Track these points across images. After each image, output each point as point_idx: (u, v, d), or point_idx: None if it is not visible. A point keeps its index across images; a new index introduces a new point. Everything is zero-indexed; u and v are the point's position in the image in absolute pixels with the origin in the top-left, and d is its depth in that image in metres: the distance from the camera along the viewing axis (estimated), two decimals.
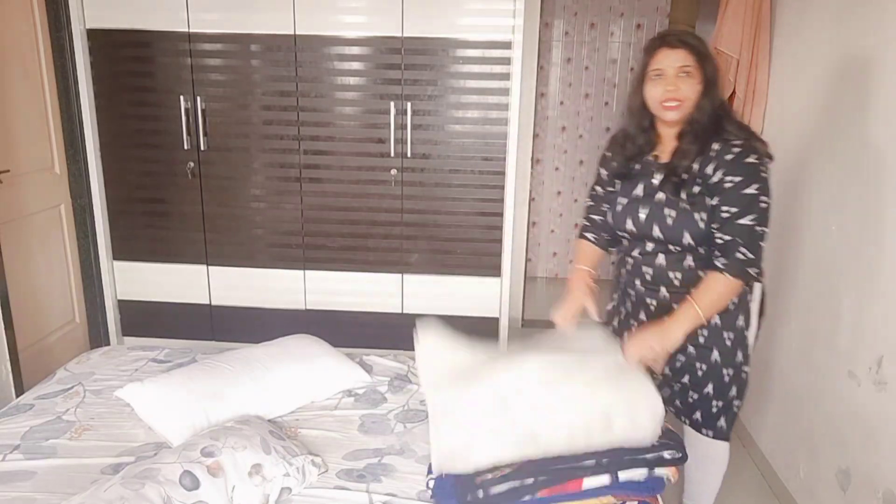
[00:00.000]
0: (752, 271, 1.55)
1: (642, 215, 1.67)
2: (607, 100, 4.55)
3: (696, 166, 1.59)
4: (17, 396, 2.23)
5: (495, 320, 2.99)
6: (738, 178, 1.52)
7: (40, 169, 2.76)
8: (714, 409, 1.75)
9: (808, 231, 2.13)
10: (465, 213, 2.88)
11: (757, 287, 1.70)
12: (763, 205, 1.54)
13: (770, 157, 1.58)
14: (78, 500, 1.30)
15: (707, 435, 1.78)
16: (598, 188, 1.87)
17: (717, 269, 1.55)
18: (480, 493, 1.43)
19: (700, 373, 1.72)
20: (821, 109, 2.11)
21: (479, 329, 2.96)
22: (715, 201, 1.56)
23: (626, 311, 1.85)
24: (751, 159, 1.54)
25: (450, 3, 2.67)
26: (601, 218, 1.86)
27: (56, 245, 2.88)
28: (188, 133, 2.82)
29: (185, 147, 2.83)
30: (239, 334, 2.98)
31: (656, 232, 1.64)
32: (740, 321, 1.69)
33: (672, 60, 1.57)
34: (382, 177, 2.85)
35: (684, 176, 1.60)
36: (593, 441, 1.49)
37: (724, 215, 1.54)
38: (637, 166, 1.72)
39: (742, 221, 1.53)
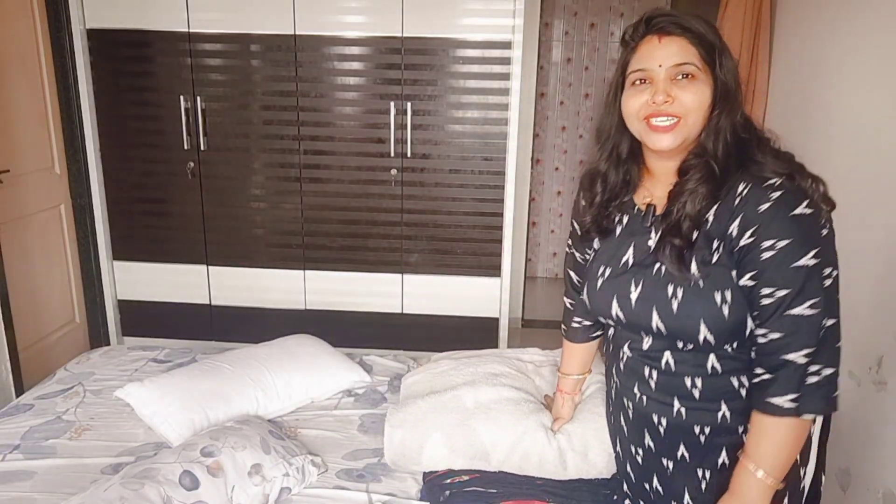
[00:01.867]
0: (834, 397, 1.00)
1: (634, 295, 1.12)
2: (608, 93, 4.55)
3: (710, 217, 1.05)
4: (17, 396, 2.23)
5: (495, 320, 2.99)
6: (784, 242, 0.98)
7: (40, 169, 2.76)
8: None
9: None
10: (465, 213, 2.88)
11: None
12: (829, 282, 0.99)
13: (830, 205, 1.04)
14: (78, 500, 1.30)
15: None
16: (575, 252, 1.36)
17: (778, 410, 1.00)
18: (448, 493, 1.47)
19: None
20: (820, 108, 2.11)
21: (479, 329, 2.99)
22: (747, 278, 1.02)
23: (623, 432, 1.28)
24: (802, 210, 0.99)
25: (450, 3, 2.66)
26: (574, 304, 1.42)
27: (56, 245, 2.88)
28: (188, 133, 2.82)
29: (185, 147, 2.83)
30: (239, 334, 2.98)
31: (656, 322, 1.10)
32: (800, 471, 1.14)
33: (663, 55, 1.03)
34: (382, 177, 2.85)
35: (694, 233, 1.06)
36: (547, 472, 1.52)
37: (767, 301, 1.00)
38: (623, 217, 1.18)
39: (798, 311, 0.98)
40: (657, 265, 1.10)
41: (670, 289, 1.07)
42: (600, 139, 1.19)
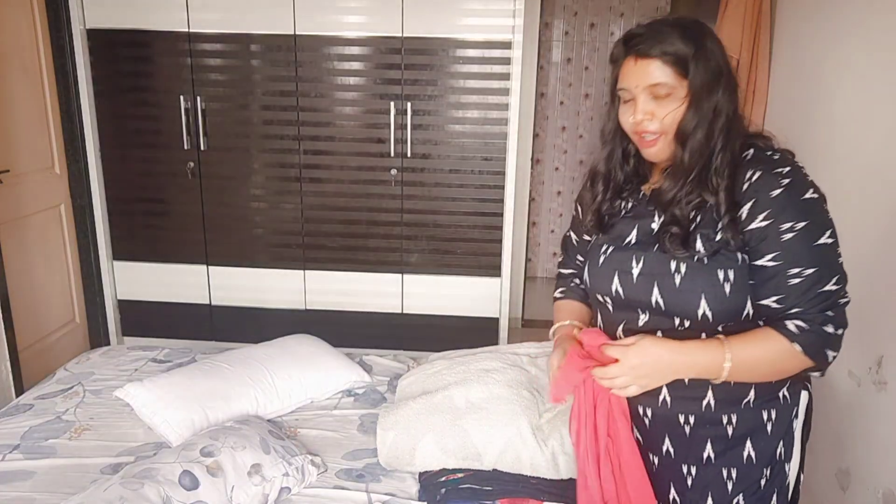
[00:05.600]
0: (831, 355, 1.05)
1: (636, 271, 1.14)
2: (607, 100, 4.55)
3: (712, 200, 1.09)
4: (17, 396, 2.23)
5: (495, 320, 2.99)
6: (802, 224, 1.02)
7: (40, 169, 2.76)
8: None
9: None
10: (465, 213, 2.88)
11: (804, 398, 1.17)
12: (841, 260, 1.06)
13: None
14: (77, 499, 1.30)
15: None
16: (573, 234, 1.41)
17: (785, 332, 1.03)
18: (444, 491, 1.48)
19: None
20: (820, 108, 2.11)
21: (479, 329, 2.98)
22: (768, 259, 1.04)
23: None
24: (810, 195, 1.04)
25: (450, 3, 2.66)
26: (575, 272, 1.40)
27: (56, 245, 2.88)
28: (188, 133, 2.82)
29: (185, 147, 2.83)
30: (239, 334, 2.98)
31: (655, 297, 1.11)
32: (780, 450, 1.15)
33: (638, 77, 1.09)
34: (382, 177, 2.85)
35: (691, 222, 1.10)
36: (539, 473, 1.54)
37: (795, 280, 1.03)
38: (628, 204, 1.23)
39: (828, 287, 1.03)
40: (657, 246, 1.13)
41: (673, 264, 1.09)
42: (603, 141, 1.25)
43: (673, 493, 1.19)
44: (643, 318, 1.15)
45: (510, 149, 2.80)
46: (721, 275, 1.06)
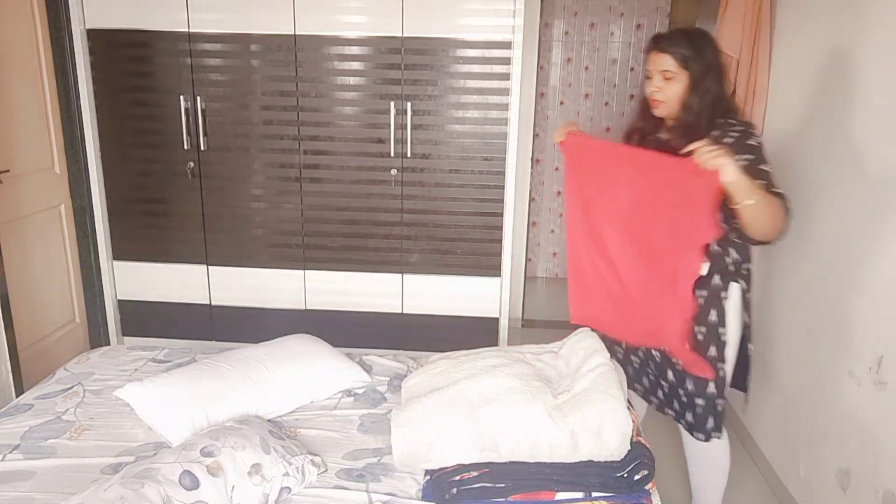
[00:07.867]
0: (788, 221, 1.61)
1: None
2: (607, 100, 4.55)
3: None
4: (17, 396, 2.23)
5: (495, 320, 2.99)
6: (751, 157, 1.60)
7: (40, 169, 2.76)
8: (699, 410, 1.80)
9: (808, 229, 2.13)
10: (465, 213, 2.88)
11: (735, 288, 1.75)
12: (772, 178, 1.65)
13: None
14: (77, 499, 1.30)
15: (699, 439, 1.84)
16: None
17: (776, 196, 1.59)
18: (455, 491, 1.48)
19: (679, 368, 1.80)
20: (820, 108, 2.11)
21: (479, 329, 2.99)
22: None
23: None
24: (752, 142, 1.64)
25: (450, 3, 2.67)
26: None
27: (56, 245, 2.88)
28: (188, 133, 2.82)
29: (185, 147, 2.83)
30: (239, 334, 2.98)
31: None
32: (712, 316, 1.75)
33: (656, 64, 1.73)
34: (382, 177, 2.85)
35: None
36: (557, 457, 1.53)
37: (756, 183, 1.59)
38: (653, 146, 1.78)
39: (777, 189, 1.59)
40: None
41: None
42: (640, 104, 1.88)
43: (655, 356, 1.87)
44: None
45: (510, 149, 2.80)
46: None
